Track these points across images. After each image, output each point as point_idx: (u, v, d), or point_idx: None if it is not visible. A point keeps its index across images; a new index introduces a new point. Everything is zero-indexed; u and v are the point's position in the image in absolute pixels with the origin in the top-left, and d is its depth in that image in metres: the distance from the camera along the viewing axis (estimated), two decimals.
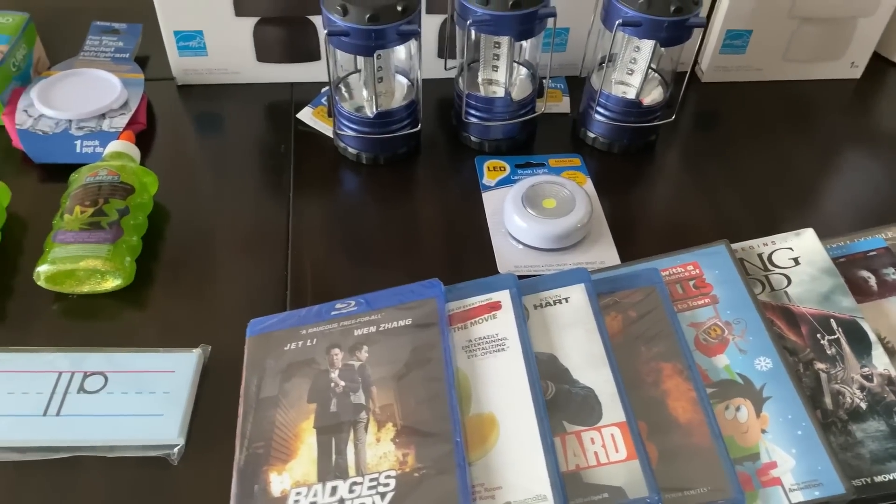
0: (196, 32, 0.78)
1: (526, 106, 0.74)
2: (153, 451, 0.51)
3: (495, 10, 0.65)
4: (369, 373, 0.53)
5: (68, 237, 0.60)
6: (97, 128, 0.72)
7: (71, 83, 0.75)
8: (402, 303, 0.56)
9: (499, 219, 0.69)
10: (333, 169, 0.75)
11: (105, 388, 0.54)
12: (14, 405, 0.52)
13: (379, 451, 0.48)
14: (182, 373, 0.55)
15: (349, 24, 0.63)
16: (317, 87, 0.83)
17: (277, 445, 0.50)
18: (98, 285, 0.61)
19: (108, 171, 0.65)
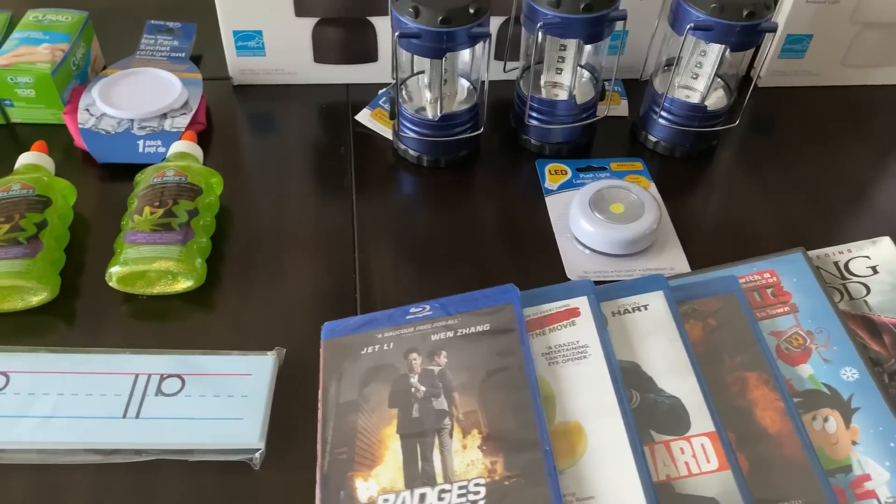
0: (255, 32, 0.77)
1: (588, 109, 0.74)
2: (234, 455, 0.51)
3: (566, 12, 0.64)
4: (450, 378, 0.52)
5: (139, 238, 0.60)
6: (159, 127, 0.72)
7: (131, 82, 0.75)
8: (478, 308, 0.56)
9: (564, 223, 0.68)
10: (394, 171, 0.74)
11: (183, 391, 0.53)
12: (93, 407, 0.52)
13: (466, 458, 0.48)
14: (259, 376, 0.54)
15: (421, 25, 0.63)
16: (372, 89, 0.82)
17: (361, 451, 0.50)
18: (169, 286, 0.61)
19: (176, 172, 0.64)
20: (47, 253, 0.59)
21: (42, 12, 0.77)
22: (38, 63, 0.71)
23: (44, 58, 0.72)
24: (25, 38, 0.74)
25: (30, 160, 0.66)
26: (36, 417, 0.51)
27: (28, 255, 0.58)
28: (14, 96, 0.72)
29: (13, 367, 0.54)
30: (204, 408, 0.52)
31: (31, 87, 0.71)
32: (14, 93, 0.72)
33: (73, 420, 0.51)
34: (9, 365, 0.54)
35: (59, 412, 0.52)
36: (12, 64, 0.71)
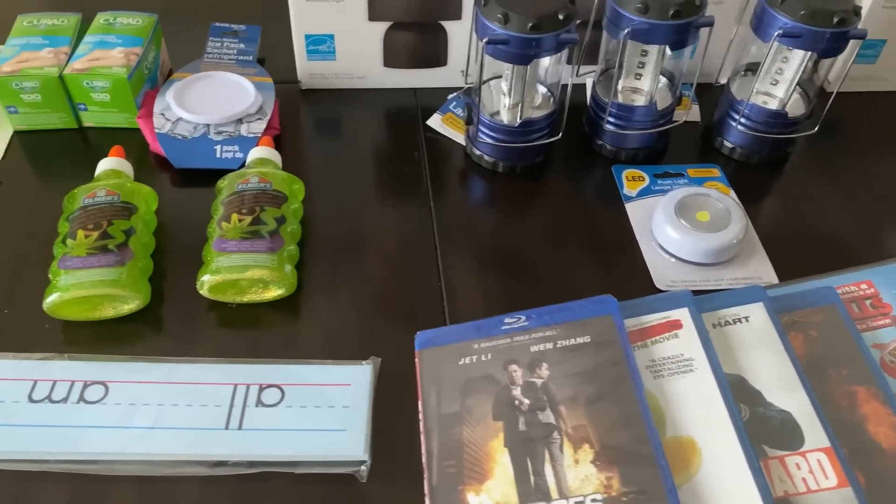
0: (327, 36, 0.77)
1: (666, 115, 0.73)
2: (340, 467, 0.50)
3: (654, 18, 0.64)
4: (554, 391, 0.52)
5: (230, 246, 0.59)
6: (235, 133, 0.71)
7: (204, 86, 0.75)
8: (576, 319, 0.55)
9: (646, 230, 0.68)
10: (469, 177, 0.74)
11: (283, 402, 0.53)
12: (195, 418, 0.52)
13: (580, 472, 0.47)
14: (358, 386, 0.54)
15: (510, 32, 0.62)
16: (440, 93, 0.81)
17: (469, 464, 0.49)
18: (259, 295, 0.60)
19: (260, 179, 0.64)
20: (137, 260, 0.59)
21: (112, 15, 0.77)
22: (114, 67, 0.71)
23: (119, 62, 0.71)
24: (99, 41, 0.73)
25: (110, 166, 0.65)
26: (138, 428, 0.51)
27: (119, 262, 0.58)
28: (89, 100, 0.72)
29: (111, 376, 0.54)
30: (305, 419, 0.52)
31: (107, 92, 0.71)
32: (89, 97, 0.71)
33: (175, 431, 0.51)
34: (106, 374, 0.54)
35: (160, 423, 0.51)
36: (89, 69, 0.70)
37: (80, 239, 0.58)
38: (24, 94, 0.70)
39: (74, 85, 0.71)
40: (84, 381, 0.53)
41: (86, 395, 0.52)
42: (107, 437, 0.51)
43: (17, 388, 0.52)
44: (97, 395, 0.53)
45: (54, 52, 0.72)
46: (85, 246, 0.58)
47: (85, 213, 0.60)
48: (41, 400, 0.52)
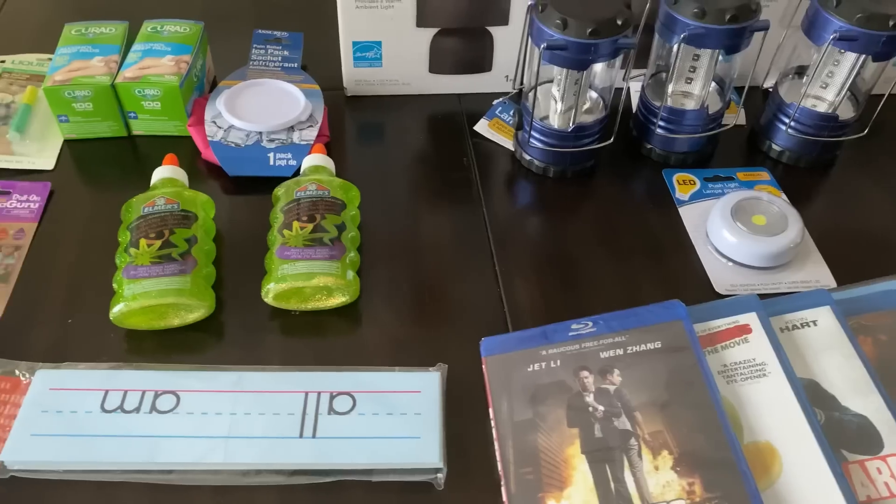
0: (374, 43, 0.77)
1: (716, 119, 0.73)
2: (416, 475, 0.50)
3: (711, 23, 0.64)
4: (628, 398, 0.52)
5: (293, 254, 0.59)
6: (288, 140, 0.71)
7: (253, 94, 0.75)
8: (645, 325, 0.55)
9: (700, 234, 0.68)
10: (519, 182, 0.74)
11: (355, 409, 0.53)
12: (269, 427, 0.52)
13: (660, 479, 0.47)
14: (428, 393, 0.54)
15: (568, 37, 0.62)
16: (484, 98, 0.81)
17: (547, 471, 0.49)
18: (323, 302, 0.60)
19: (318, 186, 0.64)
20: (201, 268, 0.59)
21: (159, 23, 0.77)
22: (165, 76, 0.71)
23: (169, 70, 0.71)
24: (148, 50, 0.73)
25: (166, 174, 0.65)
26: (212, 438, 0.51)
27: (184, 271, 0.58)
28: (140, 109, 0.72)
29: (181, 385, 0.54)
30: (378, 426, 0.52)
31: (158, 100, 0.71)
32: (140, 105, 0.72)
33: (250, 440, 0.51)
34: (177, 384, 0.54)
35: (234, 432, 0.51)
36: (140, 77, 0.70)
37: (143, 248, 0.58)
38: (75, 102, 0.70)
39: (126, 93, 0.71)
40: (155, 391, 0.53)
41: (158, 405, 0.52)
42: (182, 447, 0.50)
43: (90, 398, 0.52)
44: (169, 405, 0.53)
45: (105, 60, 0.72)
46: (149, 255, 0.58)
47: (146, 221, 0.60)
48: (114, 410, 0.52)
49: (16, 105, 0.76)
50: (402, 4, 0.73)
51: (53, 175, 0.71)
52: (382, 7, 0.73)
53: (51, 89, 0.69)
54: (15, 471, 0.50)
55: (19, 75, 0.79)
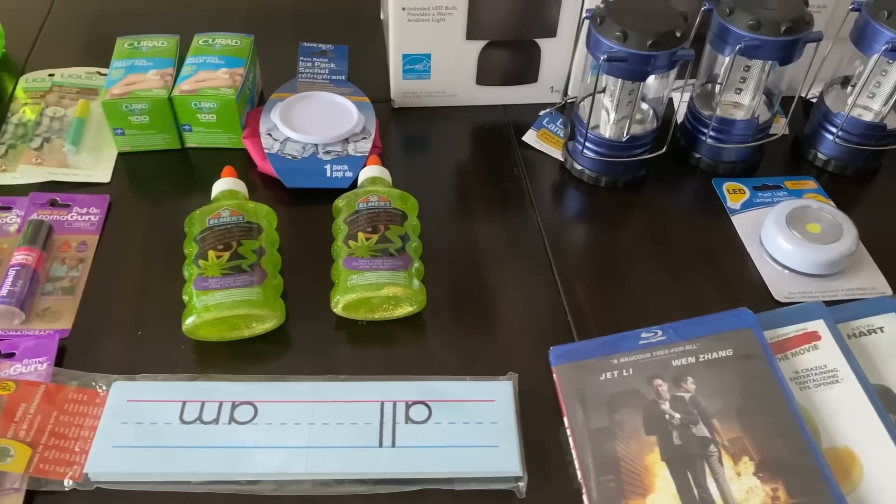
0: (424, 56, 0.77)
1: (764, 128, 0.74)
2: (497, 483, 0.51)
3: (766, 35, 0.65)
4: (704, 405, 0.52)
5: (361, 264, 0.60)
6: (343, 152, 0.72)
7: (306, 106, 0.75)
8: (714, 333, 0.56)
9: (754, 242, 0.69)
10: (572, 191, 0.74)
11: (431, 419, 0.53)
12: (348, 436, 0.52)
13: (743, 485, 0.48)
14: (502, 402, 0.54)
15: (629, 49, 0.63)
16: (530, 109, 0.82)
17: (628, 479, 0.50)
18: (390, 312, 0.61)
19: (379, 198, 0.64)
20: (270, 279, 0.60)
21: (210, 36, 0.77)
22: (221, 88, 0.71)
23: (225, 83, 0.72)
24: (202, 63, 0.74)
25: (228, 186, 0.66)
26: (293, 448, 0.51)
27: (255, 282, 0.58)
28: (195, 121, 0.72)
29: (258, 396, 0.54)
30: (456, 435, 0.52)
31: (214, 113, 0.72)
32: (195, 118, 0.72)
33: (330, 450, 0.51)
34: (253, 394, 0.54)
35: (314, 442, 0.52)
36: (196, 90, 0.71)
37: (213, 259, 0.59)
38: (132, 116, 0.71)
39: (182, 106, 0.71)
40: (232, 402, 0.53)
41: (236, 416, 0.53)
42: (264, 458, 0.51)
43: (168, 410, 0.53)
44: (247, 416, 0.53)
45: (160, 73, 0.73)
46: (218, 266, 0.58)
47: (213, 233, 0.61)
48: (193, 421, 0.52)
49: (68, 118, 0.76)
50: (454, 17, 0.74)
51: (110, 188, 0.71)
52: (434, 20, 0.74)
53: (109, 103, 0.70)
54: (99, 482, 0.50)
55: (69, 89, 0.80)
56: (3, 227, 0.66)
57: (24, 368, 0.55)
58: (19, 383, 0.53)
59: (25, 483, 0.49)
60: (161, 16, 0.92)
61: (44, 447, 0.50)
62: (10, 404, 0.52)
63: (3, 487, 0.49)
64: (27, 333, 0.58)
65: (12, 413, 0.52)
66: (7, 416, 0.51)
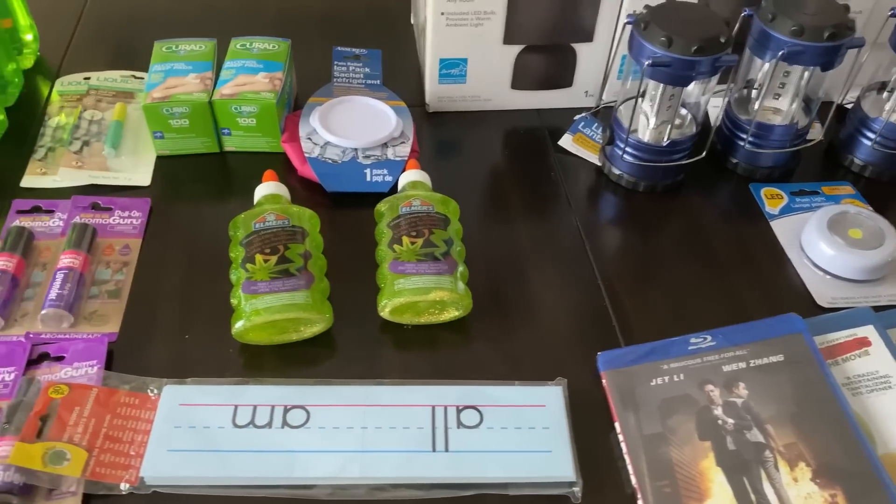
0: (460, 60, 0.78)
1: (802, 134, 0.74)
2: (552, 489, 0.51)
3: (809, 40, 0.65)
4: (757, 410, 0.52)
5: (407, 268, 0.60)
6: (383, 156, 0.72)
7: (344, 110, 0.75)
8: (763, 338, 0.56)
9: (794, 248, 0.69)
10: (610, 196, 0.74)
11: (483, 423, 0.53)
12: (401, 441, 0.52)
13: (801, 491, 0.48)
14: (553, 407, 0.54)
15: (673, 54, 0.63)
16: (563, 114, 0.82)
17: (684, 484, 0.50)
18: (436, 316, 0.61)
19: (422, 202, 0.64)
20: (318, 283, 0.60)
21: (248, 40, 0.77)
22: (262, 92, 0.71)
23: (264, 87, 0.72)
24: (241, 67, 0.74)
25: (271, 190, 0.66)
26: (347, 452, 0.51)
27: (304, 286, 0.58)
28: (234, 125, 0.73)
29: (309, 400, 0.54)
30: (509, 440, 0.52)
31: (254, 117, 0.72)
32: (235, 122, 0.72)
33: (384, 454, 0.51)
34: (304, 398, 0.54)
35: (368, 446, 0.52)
36: (237, 94, 0.71)
37: (260, 263, 0.59)
38: (172, 119, 0.71)
39: (222, 110, 0.71)
40: (284, 406, 0.53)
41: (289, 420, 0.53)
42: (318, 462, 0.51)
43: (221, 414, 0.53)
44: (300, 420, 0.53)
45: (199, 77, 0.73)
46: (266, 270, 0.58)
47: (259, 237, 0.61)
48: (245, 425, 0.52)
49: (106, 122, 0.76)
50: (492, 22, 0.74)
51: (150, 191, 0.71)
52: (472, 25, 0.74)
53: (150, 106, 0.70)
54: (155, 486, 0.50)
55: (106, 92, 0.80)
56: (46, 231, 0.66)
57: (75, 372, 0.56)
58: (72, 387, 0.53)
59: (82, 487, 0.49)
60: (189, 19, 0.92)
61: (99, 451, 0.50)
62: (63, 408, 0.52)
63: (60, 491, 0.49)
64: (76, 337, 0.58)
65: (66, 417, 0.52)
66: (61, 420, 0.51)
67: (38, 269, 0.63)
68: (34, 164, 0.73)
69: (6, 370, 0.55)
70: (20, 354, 0.56)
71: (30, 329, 0.58)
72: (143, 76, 0.83)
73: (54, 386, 0.53)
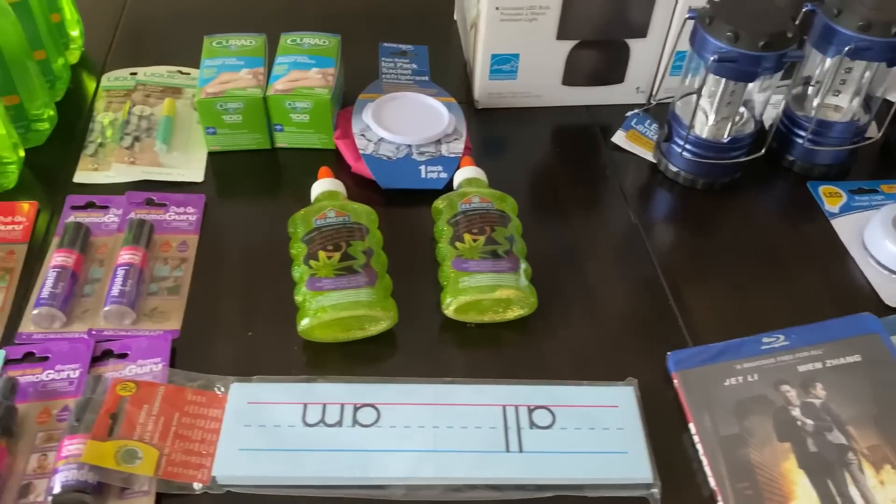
0: (513, 56, 0.77)
1: (860, 131, 0.73)
2: (630, 490, 0.50)
3: (877, 36, 0.64)
4: (837, 411, 0.51)
5: (471, 266, 0.59)
6: (437, 153, 0.71)
7: (396, 107, 0.75)
8: (838, 338, 0.55)
9: (857, 247, 0.67)
10: (666, 193, 0.73)
11: (556, 424, 0.52)
12: (474, 441, 0.51)
13: (888, 494, 0.47)
14: (626, 408, 0.53)
15: (741, 50, 0.62)
16: (613, 110, 0.81)
17: (766, 486, 0.49)
18: (500, 315, 0.60)
19: (481, 199, 0.63)
20: (381, 280, 0.59)
21: (298, 35, 0.77)
22: (316, 88, 0.71)
23: (318, 83, 0.71)
24: (293, 62, 0.73)
25: (329, 187, 0.65)
26: (420, 451, 0.51)
27: (369, 283, 0.57)
28: (287, 121, 0.72)
29: (378, 398, 0.53)
30: (583, 441, 0.52)
31: (307, 113, 0.71)
32: (288, 118, 0.71)
33: (458, 454, 0.51)
34: (373, 397, 0.54)
35: (440, 446, 0.51)
36: (291, 89, 0.70)
37: (324, 260, 0.58)
38: (226, 115, 0.70)
39: (276, 106, 0.71)
40: (354, 404, 0.53)
41: (359, 418, 0.52)
42: (392, 461, 0.50)
43: (290, 412, 0.52)
44: (370, 418, 0.52)
45: (252, 72, 0.72)
46: (331, 267, 0.58)
47: (320, 234, 0.60)
48: (316, 423, 0.52)
49: (156, 117, 0.76)
50: (546, 17, 0.74)
51: (203, 187, 0.71)
52: (526, 20, 0.74)
53: (204, 102, 0.69)
54: (228, 485, 0.49)
55: (153, 87, 0.79)
56: (102, 226, 0.65)
57: (140, 369, 0.55)
58: (139, 384, 0.53)
59: (155, 486, 0.48)
60: (231, 14, 0.91)
61: (170, 449, 0.50)
62: (132, 405, 0.51)
63: (132, 490, 0.48)
64: (138, 334, 0.58)
65: (136, 415, 0.51)
66: (131, 418, 0.51)
67: (96, 266, 0.62)
68: (85, 159, 0.72)
69: (71, 367, 0.55)
70: (84, 351, 0.56)
71: (92, 326, 0.58)
72: (189, 72, 0.83)
73: (122, 383, 0.52)
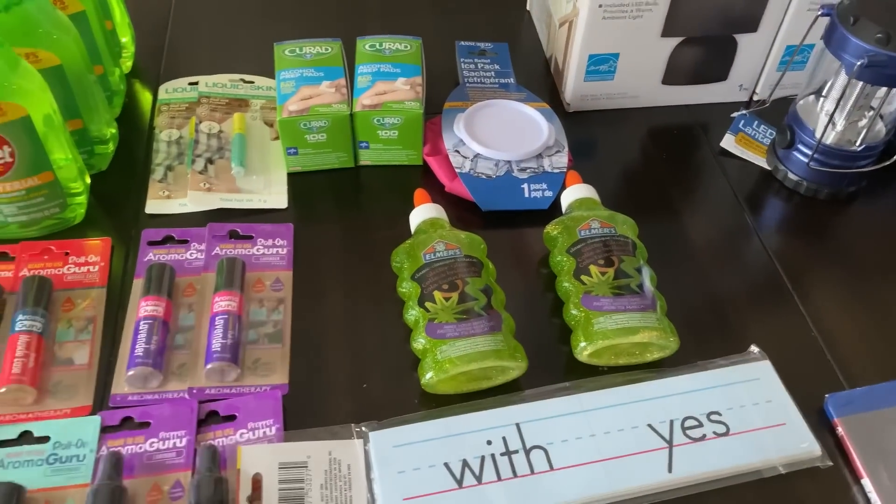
0: (611, 56, 0.70)
1: None
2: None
3: None
4: None
5: (605, 304, 0.53)
6: (539, 169, 0.65)
7: (487, 117, 0.68)
8: None
9: None
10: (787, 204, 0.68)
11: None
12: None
13: None
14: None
15: (891, 53, 0.56)
16: (713, 109, 0.75)
17: None
18: (637, 357, 0.54)
19: (601, 223, 0.58)
20: (506, 323, 0.54)
21: (377, 40, 0.70)
22: (406, 102, 0.64)
23: (407, 95, 0.65)
24: (376, 72, 0.67)
25: (431, 214, 0.59)
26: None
27: (496, 328, 0.52)
28: (374, 138, 0.66)
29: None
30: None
31: (397, 129, 0.65)
32: (375, 134, 0.65)
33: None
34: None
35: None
36: (380, 104, 0.64)
37: (441, 302, 0.53)
38: (309, 134, 0.64)
39: (363, 122, 0.64)
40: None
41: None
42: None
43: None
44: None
45: (334, 85, 0.65)
46: (450, 310, 0.52)
47: (433, 271, 0.54)
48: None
49: (225, 135, 0.70)
50: (652, 14, 0.67)
51: (288, 214, 0.65)
52: (630, 17, 0.67)
53: (286, 121, 0.63)
54: None
55: (218, 100, 0.73)
56: (185, 264, 0.60)
57: (252, 435, 0.50)
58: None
59: None
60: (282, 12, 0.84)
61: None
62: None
63: None
64: (243, 392, 0.52)
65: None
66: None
67: (185, 310, 0.57)
68: (155, 185, 0.66)
69: (177, 435, 0.50)
70: (189, 415, 0.50)
71: (192, 383, 0.53)
72: (253, 80, 0.77)
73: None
